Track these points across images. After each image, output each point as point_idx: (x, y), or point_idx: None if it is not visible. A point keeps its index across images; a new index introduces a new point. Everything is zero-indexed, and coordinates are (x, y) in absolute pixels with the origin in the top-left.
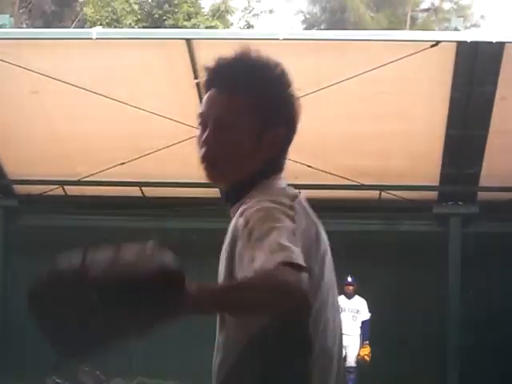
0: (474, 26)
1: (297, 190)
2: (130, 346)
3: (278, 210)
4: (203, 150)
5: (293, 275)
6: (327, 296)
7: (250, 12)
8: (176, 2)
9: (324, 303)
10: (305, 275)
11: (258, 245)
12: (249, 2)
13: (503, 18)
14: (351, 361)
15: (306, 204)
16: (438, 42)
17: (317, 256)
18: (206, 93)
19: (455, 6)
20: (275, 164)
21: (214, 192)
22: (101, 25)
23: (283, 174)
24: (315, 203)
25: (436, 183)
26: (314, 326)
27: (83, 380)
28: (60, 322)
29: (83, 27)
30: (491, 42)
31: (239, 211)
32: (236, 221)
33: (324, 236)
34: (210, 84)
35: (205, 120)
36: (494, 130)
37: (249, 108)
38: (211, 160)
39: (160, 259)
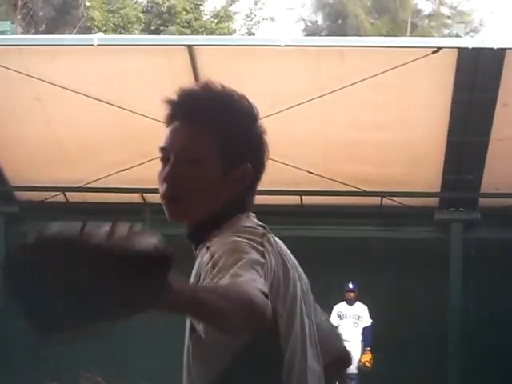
0: (474, 31)
1: (264, 230)
2: (131, 352)
3: (247, 243)
4: (164, 186)
5: (261, 299)
6: (302, 345)
7: (251, 19)
8: (174, 10)
9: (296, 351)
10: (268, 304)
11: (223, 273)
12: (250, 9)
13: (503, 23)
14: (352, 367)
15: (276, 242)
16: (439, 49)
17: (285, 301)
18: (168, 126)
19: (454, 12)
20: (242, 202)
21: None
22: (106, 31)
23: (251, 213)
24: (316, 210)
25: (437, 189)
26: (288, 379)
27: None
28: (41, 292)
29: (86, 33)
30: (492, 49)
31: (204, 249)
32: (201, 259)
33: (296, 280)
34: (172, 117)
35: (167, 154)
36: (495, 137)
37: (214, 142)
38: (173, 197)
39: (150, 241)
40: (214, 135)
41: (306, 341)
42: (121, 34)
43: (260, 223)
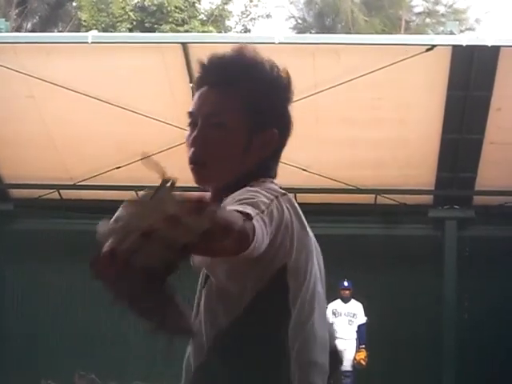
0: (469, 29)
1: (286, 192)
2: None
3: (259, 193)
4: (191, 150)
5: (237, 216)
6: (309, 308)
7: (247, 16)
8: (167, 10)
9: (302, 313)
10: (250, 224)
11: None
12: (246, 7)
13: (499, 22)
14: (347, 365)
15: (297, 206)
16: (433, 46)
17: (297, 261)
18: (197, 91)
19: (450, 10)
20: (267, 168)
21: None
22: (96, 29)
23: (275, 180)
24: (311, 207)
25: (432, 187)
26: (295, 338)
27: (79, 383)
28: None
29: (78, 31)
30: (487, 46)
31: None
32: None
33: (312, 244)
34: (201, 81)
35: (194, 119)
36: (490, 135)
37: (240, 106)
38: (199, 161)
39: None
40: (241, 100)
41: (314, 307)
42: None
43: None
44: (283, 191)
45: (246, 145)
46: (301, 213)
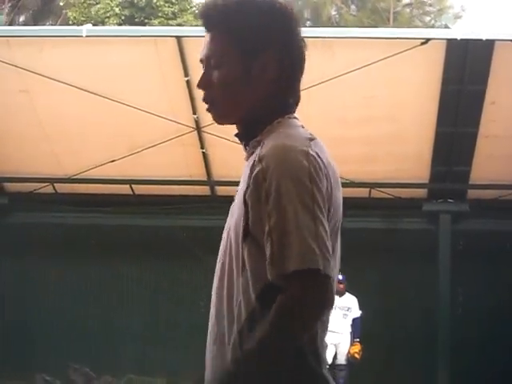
0: (457, 17)
1: (310, 135)
2: (118, 344)
3: (302, 171)
4: (203, 93)
5: (317, 289)
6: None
7: None
8: (155, 4)
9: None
10: (328, 282)
11: (281, 226)
12: None
13: (483, 7)
14: (342, 359)
15: (321, 145)
16: (427, 40)
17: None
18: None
19: None
20: (282, 99)
21: (204, 190)
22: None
23: (294, 115)
24: None
25: (426, 181)
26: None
27: (73, 377)
28: None
29: (68, 24)
30: (481, 40)
31: (255, 155)
32: (252, 165)
33: (340, 199)
34: (204, 28)
35: (203, 64)
36: (484, 129)
37: (230, 42)
38: (209, 101)
39: None
40: (228, 35)
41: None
42: None
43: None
44: (310, 135)
45: (243, 76)
46: (325, 151)
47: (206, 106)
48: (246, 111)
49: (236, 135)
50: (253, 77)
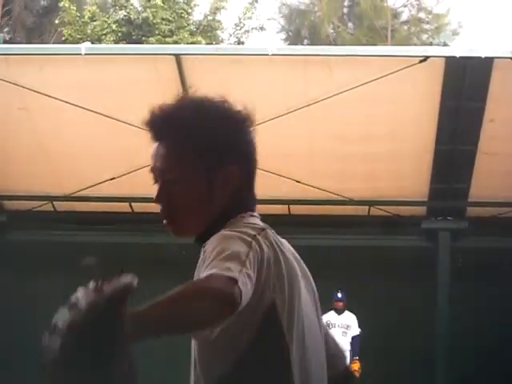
0: (454, 34)
1: (264, 226)
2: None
3: (236, 235)
4: (160, 208)
5: (223, 283)
6: (302, 338)
7: (240, 28)
8: (152, 21)
9: (299, 347)
10: (238, 289)
11: (207, 267)
12: (239, 19)
13: (480, 23)
14: None
15: (277, 239)
16: (426, 58)
17: (283, 293)
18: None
19: (431, 16)
20: (240, 202)
21: None
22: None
23: (255, 213)
24: (304, 219)
25: (425, 198)
26: (298, 372)
27: None
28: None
29: (62, 41)
30: (480, 58)
31: (202, 248)
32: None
33: (300, 279)
34: (152, 138)
35: (155, 175)
36: (483, 146)
37: (187, 156)
38: (168, 217)
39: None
40: (185, 149)
41: (304, 338)
42: None
43: (262, 223)
44: (261, 226)
45: (205, 191)
46: (280, 243)
47: (163, 220)
48: (210, 222)
49: (196, 240)
50: (217, 190)
